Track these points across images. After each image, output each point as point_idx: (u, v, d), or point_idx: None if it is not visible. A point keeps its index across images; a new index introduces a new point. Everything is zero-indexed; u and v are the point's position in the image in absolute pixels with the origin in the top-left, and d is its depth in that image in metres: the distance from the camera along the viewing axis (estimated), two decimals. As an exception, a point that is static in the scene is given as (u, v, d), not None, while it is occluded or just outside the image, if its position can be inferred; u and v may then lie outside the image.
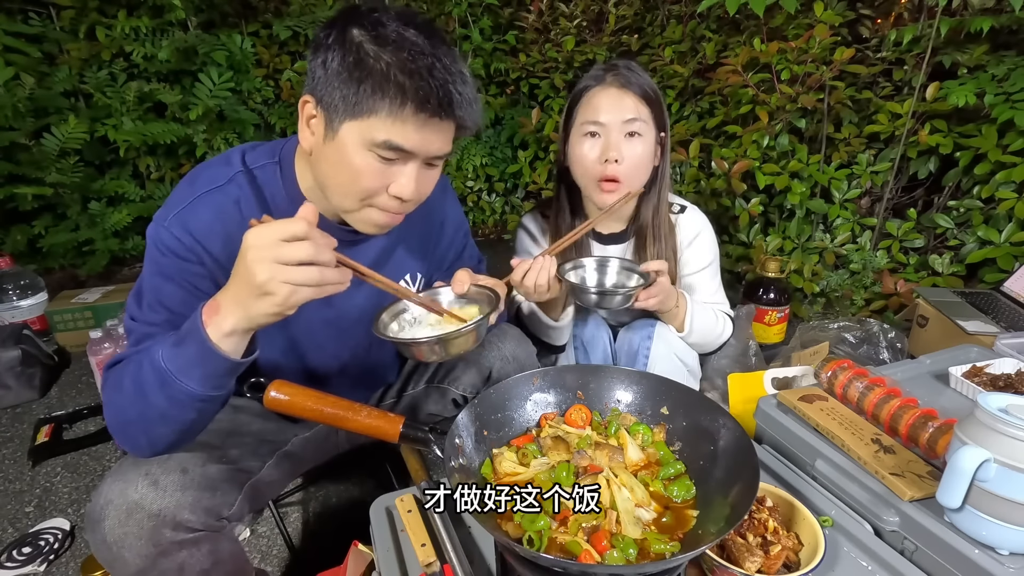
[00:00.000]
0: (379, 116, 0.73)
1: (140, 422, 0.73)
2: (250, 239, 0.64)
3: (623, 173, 1.18)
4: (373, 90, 0.72)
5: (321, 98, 0.76)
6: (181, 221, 0.81)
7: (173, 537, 0.73)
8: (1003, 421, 0.71)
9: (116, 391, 0.75)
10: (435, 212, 1.05)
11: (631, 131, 1.17)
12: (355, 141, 0.75)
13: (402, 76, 0.72)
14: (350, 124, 0.75)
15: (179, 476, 0.75)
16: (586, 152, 1.19)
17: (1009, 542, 0.74)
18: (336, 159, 0.78)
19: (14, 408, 1.86)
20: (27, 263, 2.51)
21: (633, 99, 1.16)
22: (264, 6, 3.00)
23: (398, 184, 0.79)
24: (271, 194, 0.88)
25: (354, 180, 0.78)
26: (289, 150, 0.89)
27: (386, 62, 0.72)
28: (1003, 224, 1.99)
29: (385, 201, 0.81)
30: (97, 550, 0.73)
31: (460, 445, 0.77)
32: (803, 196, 2.24)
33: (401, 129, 0.74)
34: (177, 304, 0.80)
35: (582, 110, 1.20)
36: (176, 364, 0.69)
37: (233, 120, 2.76)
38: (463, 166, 3.25)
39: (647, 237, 1.30)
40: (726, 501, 0.71)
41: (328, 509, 1.45)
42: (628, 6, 2.87)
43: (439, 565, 0.77)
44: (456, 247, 1.13)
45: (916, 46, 2.12)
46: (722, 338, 1.35)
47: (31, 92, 2.39)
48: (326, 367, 1.02)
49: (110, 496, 0.72)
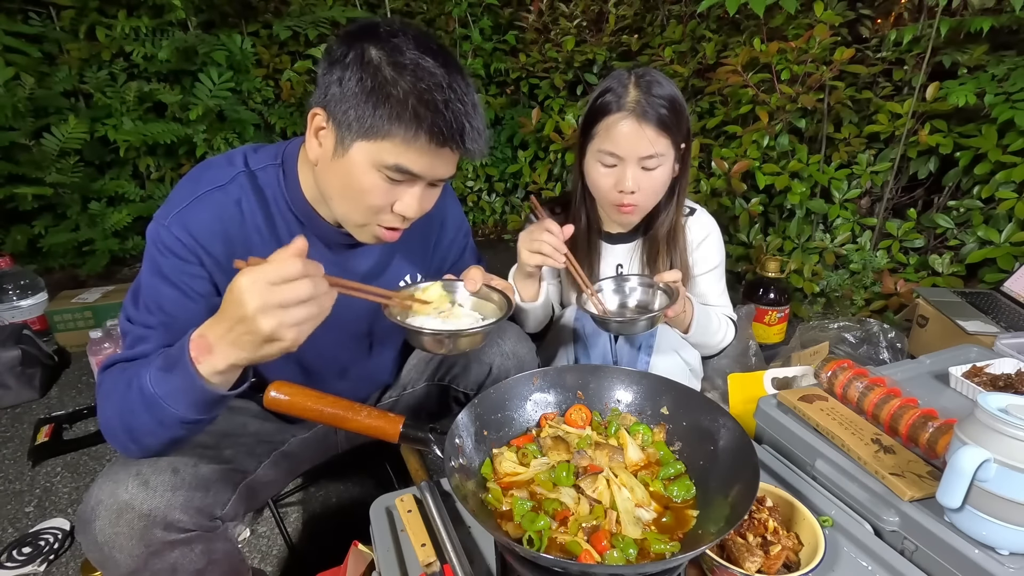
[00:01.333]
0: (392, 141, 0.75)
1: (129, 432, 0.73)
2: (245, 285, 0.61)
3: (638, 200, 1.18)
4: (390, 117, 0.74)
5: (334, 114, 0.77)
6: (181, 220, 0.80)
7: (164, 537, 0.73)
8: (1003, 421, 0.71)
9: (106, 399, 0.75)
10: (435, 213, 1.04)
11: (648, 166, 1.16)
12: (365, 161, 0.77)
13: (420, 107, 0.73)
14: (362, 144, 0.76)
15: (170, 476, 0.75)
16: (601, 178, 1.19)
17: (1009, 542, 0.74)
18: (344, 175, 0.79)
19: (14, 408, 1.86)
20: (27, 263, 2.51)
21: (651, 132, 1.13)
22: (264, 6, 3.00)
23: (402, 203, 0.81)
24: (272, 196, 0.88)
25: (360, 198, 0.80)
26: (292, 152, 0.89)
27: (404, 90, 0.73)
28: (1003, 224, 1.99)
29: (389, 219, 0.83)
30: (89, 551, 0.73)
31: (460, 445, 0.77)
32: (803, 196, 2.24)
33: (412, 155, 0.76)
34: (173, 307, 0.80)
35: (600, 135, 1.17)
36: (164, 390, 0.68)
37: (233, 120, 2.76)
38: (463, 166, 3.25)
39: (660, 245, 1.29)
40: (726, 501, 0.71)
41: (328, 509, 1.45)
42: (628, 6, 2.87)
43: (439, 565, 0.77)
44: (457, 247, 1.14)
45: (916, 46, 2.12)
46: (724, 342, 1.35)
47: (31, 92, 2.39)
48: (325, 369, 1.02)
49: (100, 496, 0.72)
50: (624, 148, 1.14)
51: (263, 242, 0.87)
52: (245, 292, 0.61)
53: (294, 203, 0.89)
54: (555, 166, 3.06)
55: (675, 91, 1.16)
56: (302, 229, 0.90)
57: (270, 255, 0.64)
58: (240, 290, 0.61)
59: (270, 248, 0.86)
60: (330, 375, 1.04)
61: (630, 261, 1.35)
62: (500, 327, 1.10)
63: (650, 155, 1.14)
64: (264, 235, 0.87)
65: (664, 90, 1.14)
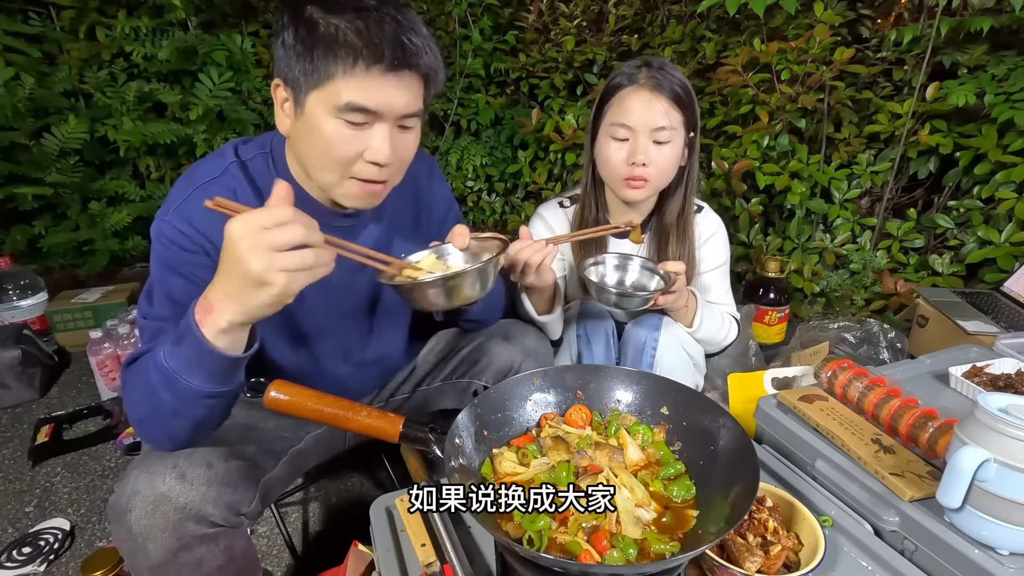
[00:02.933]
0: (336, 79, 0.74)
1: (156, 418, 0.74)
2: (235, 230, 0.61)
3: (649, 174, 1.19)
4: (326, 55, 0.73)
5: (285, 76, 0.77)
6: (182, 214, 0.81)
7: (196, 531, 0.74)
8: (1003, 421, 0.71)
9: (131, 390, 0.76)
10: (423, 194, 1.06)
11: (659, 139, 1.17)
12: (321, 110, 0.76)
13: (351, 34, 0.72)
14: (314, 95, 0.75)
15: (205, 470, 0.76)
16: (613, 153, 1.20)
17: (1009, 542, 0.74)
18: (308, 133, 0.78)
19: (14, 408, 1.86)
20: (27, 263, 2.51)
21: (664, 104, 1.15)
22: (264, 6, 3.00)
23: (371, 149, 0.79)
24: (264, 184, 0.88)
25: (327, 150, 0.78)
26: (280, 140, 0.90)
27: (335, 24, 0.73)
28: (1003, 224, 1.99)
29: (363, 169, 0.80)
30: (121, 541, 0.74)
31: (460, 445, 0.77)
32: (803, 196, 2.24)
33: (360, 88, 0.74)
34: (184, 297, 0.80)
35: (612, 109, 1.20)
36: (177, 363, 0.69)
37: (233, 120, 2.76)
38: (463, 166, 3.25)
39: (669, 236, 1.30)
40: (726, 501, 0.71)
41: (328, 509, 1.45)
42: (628, 6, 2.87)
43: (439, 565, 0.77)
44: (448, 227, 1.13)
45: (916, 46, 2.12)
46: (727, 340, 1.35)
47: (31, 92, 2.39)
48: (332, 354, 1.02)
49: (137, 487, 0.73)
50: (636, 118, 1.16)
51: None
52: (235, 234, 0.62)
53: None
54: (555, 166, 3.06)
55: (686, 79, 1.20)
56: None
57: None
58: (231, 233, 0.62)
59: None
60: (337, 363, 1.03)
61: (637, 253, 1.35)
62: (521, 326, 1.13)
63: (662, 127, 1.16)
64: None
65: (676, 73, 1.19)
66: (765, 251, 2.33)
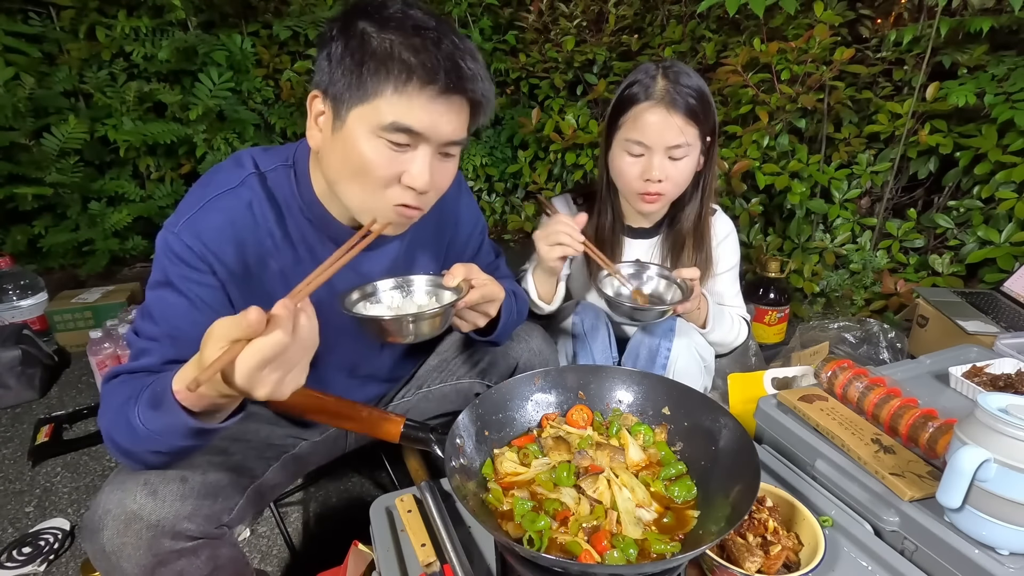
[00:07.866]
0: (385, 96, 0.71)
1: (128, 455, 0.71)
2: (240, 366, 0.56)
3: (664, 189, 1.19)
4: (376, 69, 0.70)
5: (327, 89, 0.74)
6: (191, 227, 0.78)
7: (172, 546, 0.73)
8: (1003, 421, 0.71)
9: (107, 411, 0.72)
10: (448, 211, 1.01)
11: (675, 155, 1.16)
12: (363, 127, 0.73)
13: (407, 52, 0.70)
14: (357, 111, 0.73)
15: (178, 485, 0.74)
16: (627, 168, 1.19)
17: (1009, 542, 0.74)
18: (345, 150, 0.75)
19: (14, 408, 1.86)
20: (27, 263, 2.51)
21: (679, 121, 1.13)
22: (264, 6, 3.00)
23: (410, 173, 0.75)
24: (284, 198, 0.85)
25: (364, 171, 0.74)
26: (303, 153, 0.87)
27: (389, 40, 0.70)
28: (1003, 224, 1.99)
29: (399, 193, 0.77)
30: (95, 559, 0.73)
31: (461, 445, 0.77)
32: (803, 196, 2.24)
33: (408, 108, 0.71)
34: (178, 318, 0.77)
35: (627, 124, 1.18)
36: (156, 426, 0.65)
37: (233, 120, 2.76)
38: (463, 166, 3.25)
39: (687, 239, 1.30)
40: (727, 501, 0.71)
41: (328, 509, 1.44)
42: (628, 6, 2.87)
43: (439, 565, 0.77)
44: (473, 244, 1.11)
45: (916, 46, 2.12)
46: (737, 341, 1.36)
47: (31, 92, 2.39)
48: (337, 369, 1.01)
49: (108, 506, 0.71)
50: (651, 137, 1.15)
51: (276, 246, 0.85)
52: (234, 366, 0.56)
53: (306, 204, 0.86)
54: (555, 166, 3.06)
55: (702, 83, 1.17)
56: (314, 231, 0.87)
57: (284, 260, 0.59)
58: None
59: (283, 252, 0.85)
60: (338, 373, 1.02)
61: (651, 256, 1.35)
62: (527, 327, 1.13)
63: (677, 144, 1.15)
64: (277, 238, 0.85)
65: (692, 81, 1.16)
66: (765, 251, 2.33)
